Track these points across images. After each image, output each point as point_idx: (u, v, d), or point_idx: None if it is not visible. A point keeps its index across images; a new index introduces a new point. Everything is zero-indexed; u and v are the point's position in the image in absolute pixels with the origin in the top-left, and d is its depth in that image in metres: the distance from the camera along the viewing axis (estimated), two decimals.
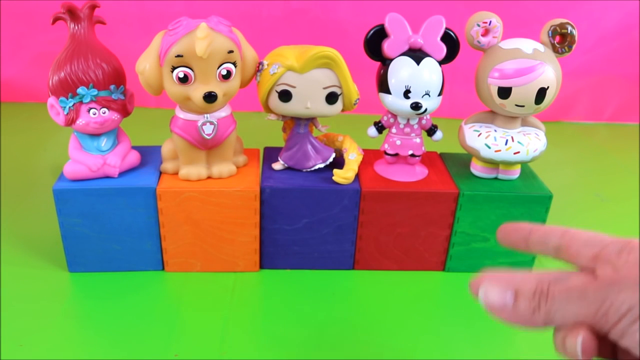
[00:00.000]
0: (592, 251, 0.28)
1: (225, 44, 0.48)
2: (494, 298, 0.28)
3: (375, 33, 0.52)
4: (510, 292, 0.27)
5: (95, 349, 0.47)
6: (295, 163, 0.56)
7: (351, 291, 0.56)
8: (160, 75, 0.49)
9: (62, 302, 0.52)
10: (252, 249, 0.56)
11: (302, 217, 0.55)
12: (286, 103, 0.51)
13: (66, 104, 0.50)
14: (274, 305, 0.53)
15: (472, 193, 0.54)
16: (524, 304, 0.27)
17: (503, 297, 0.27)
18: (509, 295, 0.27)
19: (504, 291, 0.27)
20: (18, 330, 0.48)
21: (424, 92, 0.51)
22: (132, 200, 0.52)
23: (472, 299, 0.46)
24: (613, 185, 0.80)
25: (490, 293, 0.28)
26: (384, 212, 0.55)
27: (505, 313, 0.27)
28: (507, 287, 0.27)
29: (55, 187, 0.51)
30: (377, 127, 0.56)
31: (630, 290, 0.24)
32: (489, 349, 0.49)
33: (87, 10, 0.50)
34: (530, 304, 0.27)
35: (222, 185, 0.53)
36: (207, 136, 0.52)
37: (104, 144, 0.53)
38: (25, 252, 0.59)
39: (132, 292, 0.54)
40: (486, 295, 0.28)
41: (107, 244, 0.54)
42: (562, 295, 0.26)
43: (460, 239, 0.57)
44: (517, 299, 0.27)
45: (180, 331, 0.49)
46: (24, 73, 1.01)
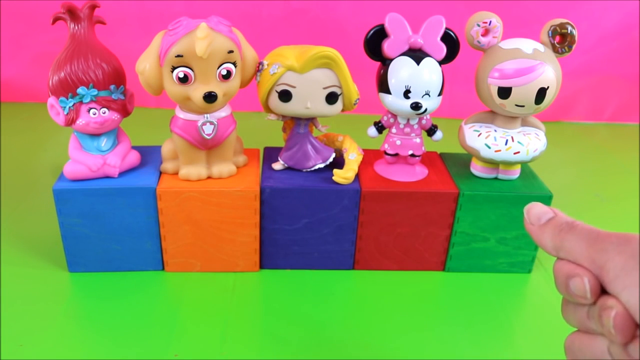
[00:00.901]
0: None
1: (225, 44, 0.48)
2: (536, 212, 0.33)
3: (375, 33, 0.52)
4: (549, 215, 0.32)
5: (95, 349, 0.47)
6: (295, 163, 0.56)
7: (351, 291, 0.56)
8: (160, 75, 0.49)
9: (62, 302, 0.52)
10: (252, 249, 0.56)
11: (302, 217, 0.55)
12: (286, 103, 0.51)
13: (66, 104, 0.50)
14: (274, 305, 0.53)
15: (472, 193, 0.54)
16: (551, 227, 0.32)
17: (542, 214, 0.33)
18: (547, 216, 0.32)
19: (547, 212, 0.32)
20: (18, 330, 0.48)
21: (424, 92, 0.51)
22: (132, 200, 0.52)
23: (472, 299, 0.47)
24: (613, 185, 0.80)
25: (535, 208, 0.33)
26: (384, 212, 0.55)
27: (534, 227, 0.33)
28: (550, 211, 0.32)
29: (55, 187, 0.51)
30: (377, 127, 0.56)
31: (625, 256, 0.27)
32: (489, 348, 0.49)
33: (87, 10, 0.50)
34: (555, 229, 0.31)
35: (222, 185, 0.53)
36: (207, 136, 0.52)
37: (104, 144, 0.53)
38: (25, 252, 0.59)
39: (132, 292, 0.54)
40: (532, 208, 0.33)
41: (107, 244, 0.54)
42: (580, 232, 0.30)
43: (460, 239, 0.57)
44: (550, 221, 0.32)
45: (180, 331, 0.49)
46: (24, 73, 1.01)
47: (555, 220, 0.32)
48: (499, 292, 0.56)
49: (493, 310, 0.54)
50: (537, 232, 0.32)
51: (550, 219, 0.32)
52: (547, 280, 0.58)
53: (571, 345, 0.30)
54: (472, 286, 0.57)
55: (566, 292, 0.29)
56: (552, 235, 0.31)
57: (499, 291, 0.56)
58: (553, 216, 0.32)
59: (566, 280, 0.29)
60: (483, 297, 0.55)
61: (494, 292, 0.56)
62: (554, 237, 0.31)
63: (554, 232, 0.31)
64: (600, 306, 0.27)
